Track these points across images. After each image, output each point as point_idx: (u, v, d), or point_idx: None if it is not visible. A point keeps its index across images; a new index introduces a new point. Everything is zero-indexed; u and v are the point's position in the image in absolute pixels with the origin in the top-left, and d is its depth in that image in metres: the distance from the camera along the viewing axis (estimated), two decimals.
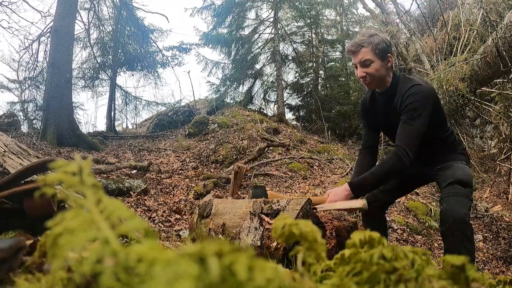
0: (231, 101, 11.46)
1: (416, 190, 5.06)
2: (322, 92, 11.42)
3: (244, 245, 1.56)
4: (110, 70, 10.93)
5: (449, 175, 1.67)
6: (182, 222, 3.38)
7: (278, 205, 1.61)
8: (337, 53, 12.08)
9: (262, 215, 1.59)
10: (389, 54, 1.68)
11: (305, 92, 11.60)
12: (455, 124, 5.94)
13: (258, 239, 1.53)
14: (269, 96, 12.07)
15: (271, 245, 1.48)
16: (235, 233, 1.65)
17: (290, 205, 1.59)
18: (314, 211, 1.63)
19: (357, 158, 2.06)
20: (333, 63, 12.04)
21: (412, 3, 17.18)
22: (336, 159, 6.60)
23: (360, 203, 1.69)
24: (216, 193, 3.29)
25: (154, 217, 3.43)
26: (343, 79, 11.02)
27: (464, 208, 1.55)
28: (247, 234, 1.59)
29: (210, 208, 1.90)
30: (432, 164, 1.82)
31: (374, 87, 1.79)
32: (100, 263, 0.24)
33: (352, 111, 9.99)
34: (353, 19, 11.87)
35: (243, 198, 4.14)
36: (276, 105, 11.15)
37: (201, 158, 6.37)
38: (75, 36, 8.69)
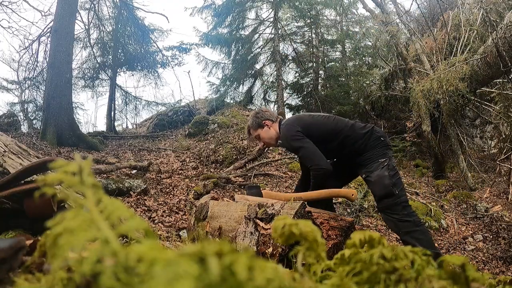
0: (231, 101, 11.46)
1: (416, 190, 5.05)
2: (322, 92, 11.41)
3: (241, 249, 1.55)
4: (110, 70, 10.92)
5: (374, 193, 2.01)
6: (182, 222, 3.38)
7: (273, 209, 1.60)
8: (337, 53, 12.08)
9: (257, 220, 1.58)
10: (264, 121, 2.26)
11: (305, 92, 11.60)
12: (455, 124, 5.94)
13: (253, 244, 1.53)
14: (269, 96, 12.07)
15: (266, 251, 1.47)
16: (232, 237, 1.64)
17: (284, 209, 1.58)
18: (309, 214, 1.63)
19: (299, 179, 2.56)
20: (333, 63, 12.03)
21: (412, 3, 17.19)
22: None
23: (347, 192, 2.10)
24: (213, 195, 3.29)
25: (154, 217, 3.43)
26: (343, 79, 11.01)
27: (396, 213, 1.88)
28: (243, 239, 1.58)
29: (206, 211, 1.89)
30: (358, 162, 2.09)
31: (275, 146, 2.32)
32: (100, 263, 0.24)
33: (352, 111, 9.99)
34: (353, 19, 11.85)
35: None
36: (276, 105, 11.14)
37: (201, 158, 6.37)
38: (75, 36, 8.68)
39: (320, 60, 11.81)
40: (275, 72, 11.01)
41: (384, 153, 2.02)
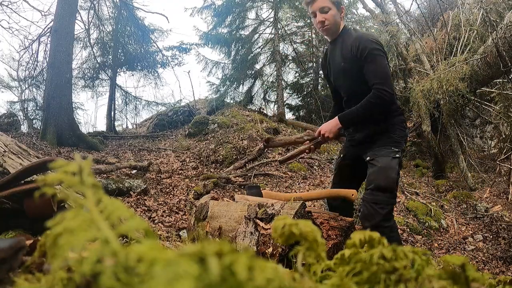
0: (231, 101, 11.45)
1: (416, 190, 5.05)
2: (322, 92, 11.41)
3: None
4: (110, 70, 10.92)
5: (372, 179, 1.79)
6: (182, 222, 3.38)
7: (273, 209, 1.60)
8: None
9: (257, 220, 1.58)
10: (342, 6, 1.90)
11: (305, 92, 11.60)
12: (455, 124, 5.94)
13: (253, 244, 1.52)
14: (269, 96, 12.07)
15: (266, 251, 1.47)
16: (232, 237, 1.64)
17: (284, 209, 1.58)
18: (309, 214, 1.63)
19: (331, 110, 2.26)
20: None
21: (412, 3, 17.18)
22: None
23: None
24: (213, 195, 3.29)
25: (154, 217, 3.43)
26: None
27: (380, 213, 1.71)
28: (243, 239, 1.58)
29: (207, 211, 1.89)
30: (367, 142, 1.90)
31: (330, 34, 1.92)
32: (100, 263, 0.24)
33: None
34: (353, 19, 11.85)
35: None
36: (276, 105, 11.15)
37: (201, 158, 6.37)
38: (75, 36, 8.68)
39: (320, 60, 11.81)
40: (275, 72, 11.01)
41: (399, 143, 1.84)
